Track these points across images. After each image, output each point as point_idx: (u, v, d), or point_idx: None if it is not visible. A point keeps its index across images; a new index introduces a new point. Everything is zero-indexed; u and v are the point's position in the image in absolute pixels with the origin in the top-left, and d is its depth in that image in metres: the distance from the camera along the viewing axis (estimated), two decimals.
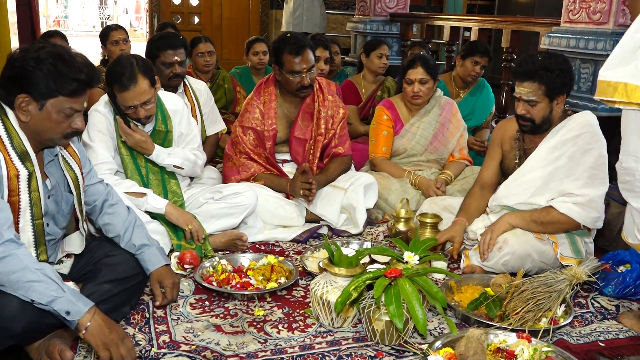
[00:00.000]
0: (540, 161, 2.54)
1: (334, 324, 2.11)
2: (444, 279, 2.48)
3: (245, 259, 2.56)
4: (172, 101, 2.84)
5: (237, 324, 2.13)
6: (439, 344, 1.86)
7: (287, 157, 3.19)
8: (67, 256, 2.16)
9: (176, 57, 3.18)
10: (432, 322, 2.19)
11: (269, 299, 2.31)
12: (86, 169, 2.12)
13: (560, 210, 2.46)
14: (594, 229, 2.61)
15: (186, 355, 1.92)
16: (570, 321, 2.16)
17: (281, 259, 2.54)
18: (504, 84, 4.61)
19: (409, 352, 1.96)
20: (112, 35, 4.42)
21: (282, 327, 2.12)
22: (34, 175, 1.86)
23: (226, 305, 2.26)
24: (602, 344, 2.10)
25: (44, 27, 11.72)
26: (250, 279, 2.37)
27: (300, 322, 2.16)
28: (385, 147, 3.47)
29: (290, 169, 3.15)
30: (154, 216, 2.60)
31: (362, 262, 2.19)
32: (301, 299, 2.34)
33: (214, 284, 2.34)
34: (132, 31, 17.56)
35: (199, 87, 3.55)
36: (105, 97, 2.67)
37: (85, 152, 2.16)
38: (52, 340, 1.81)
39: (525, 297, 2.11)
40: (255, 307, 2.25)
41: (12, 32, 5.06)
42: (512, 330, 1.98)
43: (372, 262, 2.43)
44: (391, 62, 4.70)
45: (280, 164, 3.16)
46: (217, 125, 3.68)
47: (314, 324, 2.14)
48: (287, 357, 1.94)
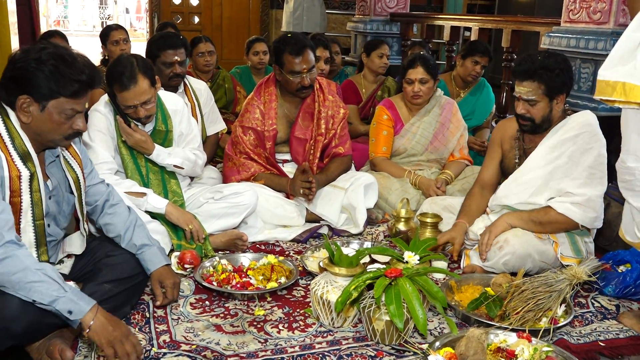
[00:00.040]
0: (540, 161, 2.54)
1: (334, 323, 2.11)
2: (444, 279, 2.48)
3: (245, 259, 2.56)
4: (172, 101, 2.84)
5: (238, 323, 2.13)
6: (439, 343, 1.86)
7: (287, 157, 3.19)
8: (68, 256, 2.16)
9: (176, 57, 3.18)
10: (433, 321, 2.19)
11: (269, 299, 2.31)
12: (87, 170, 2.12)
13: (558, 210, 2.46)
14: (594, 229, 2.61)
15: (186, 355, 1.92)
16: (570, 321, 2.16)
17: (281, 258, 2.54)
18: (504, 83, 4.61)
19: (409, 351, 1.96)
20: (112, 35, 4.42)
21: (283, 326, 2.12)
22: (35, 176, 1.86)
23: (226, 305, 2.26)
24: (602, 344, 2.10)
25: (44, 27, 11.72)
26: (250, 278, 2.37)
27: (300, 322, 2.16)
28: (385, 146, 3.47)
29: (290, 169, 3.15)
30: (154, 216, 2.60)
31: (362, 261, 2.19)
32: (301, 299, 2.34)
33: (214, 283, 2.34)
34: (133, 31, 17.56)
35: (199, 86, 3.55)
36: (105, 97, 2.68)
37: (86, 152, 2.16)
38: (53, 340, 1.81)
39: (525, 297, 2.11)
40: (255, 306, 2.25)
41: (12, 32, 5.05)
42: (513, 330, 1.98)
43: (373, 261, 2.43)
44: (391, 62, 4.70)
45: (280, 164, 3.16)
46: (217, 125, 3.68)
47: (314, 324, 2.14)
48: (288, 356, 1.94)
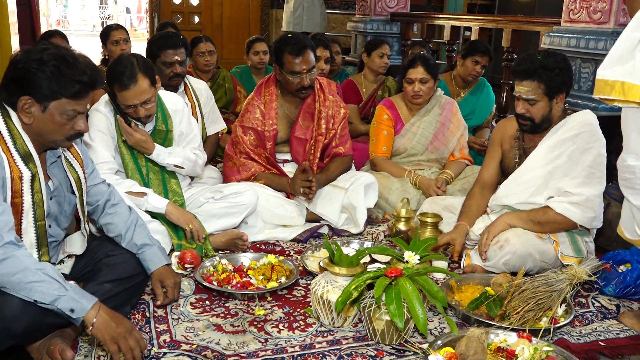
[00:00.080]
0: (540, 160, 2.54)
1: (334, 323, 2.11)
2: (444, 279, 2.48)
3: (245, 259, 2.56)
4: (172, 101, 2.84)
5: (238, 323, 2.13)
6: (439, 343, 1.86)
7: (287, 157, 3.19)
8: (69, 256, 2.16)
9: (176, 57, 3.18)
10: (433, 321, 2.19)
11: (270, 299, 2.31)
12: (89, 170, 2.12)
13: (556, 210, 2.46)
14: (594, 229, 2.61)
15: (187, 354, 1.92)
16: (570, 320, 2.16)
17: (282, 258, 2.54)
18: (504, 83, 4.61)
19: (410, 351, 1.96)
20: (112, 35, 4.41)
21: (283, 326, 2.12)
22: (37, 176, 1.85)
23: (227, 304, 2.26)
24: (602, 344, 2.10)
25: (44, 27, 11.72)
26: (250, 278, 2.37)
27: (300, 322, 2.16)
28: (385, 146, 3.46)
29: (290, 169, 3.15)
30: (154, 216, 2.60)
31: (362, 261, 2.19)
32: (302, 299, 2.34)
33: (215, 283, 2.34)
34: (133, 31, 17.56)
35: (200, 86, 3.55)
36: (105, 97, 2.67)
37: (88, 153, 2.16)
38: (53, 339, 1.81)
39: (525, 297, 2.11)
40: (255, 306, 2.25)
41: (13, 31, 5.04)
42: (513, 329, 1.98)
43: (373, 261, 2.43)
44: (392, 62, 4.70)
45: (280, 164, 3.16)
46: (217, 124, 3.68)
47: (315, 324, 2.14)
48: (288, 356, 1.94)
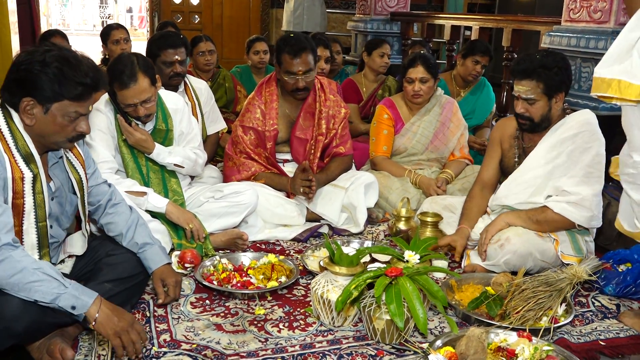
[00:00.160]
0: (539, 160, 2.54)
1: (334, 322, 2.11)
2: (444, 278, 2.48)
3: (245, 258, 2.56)
4: (172, 100, 2.84)
5: (238, 322, 2.13)
6: (439, 342, 1.86)
7: (288, 156, 3.19)
8: (69, 256, 2.16)
9: (177, 56, 3.18)
10: (433, 321, 2.19)
11: (270, 298, 2.31)
12: (90, 170, 2.12)
13: (554, 209, 2.46)
14: (594, 228, 2.61)
15: (187, 354, 1.92)
16: (571, 320, 2.16)
17: (282, 257, 2.54)
18: (504, 83, 4.60)
19: (410, 351, 1.96)
20: (113, 34, 4.41)
21: (283, 326, 2.12)
22: (38, 177, 1.85)
23: (227, 304, 2.26)
24: (602, 343, 2.10)
25: (44, 27, 11.70)
26: (250, 277, 2.37)
27: (300, 321, 2.16)
28: (386, 146, 3.46)
29: (291, 169, 3.14)
30: (154, 215, 2.60)
31: (362, 261, 2.19)
32: (302, 298, 2.34)
33: (215, 283, 2.34)
34: (133, 30, 17.56)
35: (200, 86, 3.55)
36: (105, 96, 2.67)
37: (89, 153, 2.16)
38: (53, 339, 1.81)
39: (525, 296, 2.11)
40: (255, 306, 2.25)
41: (13, 31, 5.05)
42: (513, 329, 1.98)
43: (373, 261, 2.43)
44: (392, 61, 4.70)
45: (281, 164, 3.16)
46: (217, 124, 3.68)
47: (315, 323, 2.14)
48: (288, 355, 1.94)
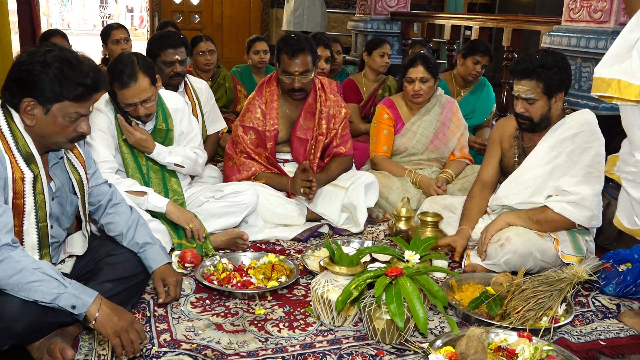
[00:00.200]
0: (539, 160, 2.54)
1: (334, 322, 2.11)
2: (444, 278, 2.48)
3: (246, 258, 2.56)
4: (172, 100, 2.84)
5: (238, 322, 2.13)
6: (439, 342, 1.86)
7: (288, 156, 3.19)
8: (69, 256, 2.16)
9: (177, 56, 3.18)
10: (433, 320, 2.19)
11: (270, 298, 2.31)
12: (91, 170, 2.12)
13: (554, 209, 2.46)
14: (594, 228, 2.61)
15: (187, 354, 1.92)
16: (571, 320, 2.16)
17: (282, 257, 2.54)
18: (504, 82, 4.61)
19: (410, 350, 1.96)
20: (113, 34, 4.41)
21: (283, 325, 2.12)
22: (39, 177, 1.85)
23: (227, 304, 2.26)
24: (603, 343, 2.10)
25: (44, 26, 11.70)
26: (251, 277, 2.37)
27: (301, 321, 2.16)
28: (386, 145, 3.46)
29: (291, 169, 3.14)
30: (154, 215, 2.60)
31: (362, 260, 2.19)
32: (302, 298, 2.34)
33: (215, 282, 2.34)
34: (133, 30, 17.56)
35: (200, 85, 3.55)
36: (106, 96, 2.67)
37: (90, 153, 2.16)
38: (54, 339, 1.81)
39: (526, 296, 2.11)
40: (256, 305, 2.25)
41: (13, 31, 5.05)
42: (513, 329, 1.98)
43: (373, 260, 2.43)
44: (392, 61, 4.71)
45: (281, 164, 3.15)
46: (217, 124, 3.68)
47: (315, 323, 2.14)
48: (288, 355, 1.94)
